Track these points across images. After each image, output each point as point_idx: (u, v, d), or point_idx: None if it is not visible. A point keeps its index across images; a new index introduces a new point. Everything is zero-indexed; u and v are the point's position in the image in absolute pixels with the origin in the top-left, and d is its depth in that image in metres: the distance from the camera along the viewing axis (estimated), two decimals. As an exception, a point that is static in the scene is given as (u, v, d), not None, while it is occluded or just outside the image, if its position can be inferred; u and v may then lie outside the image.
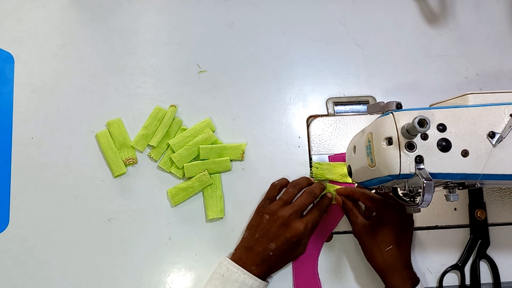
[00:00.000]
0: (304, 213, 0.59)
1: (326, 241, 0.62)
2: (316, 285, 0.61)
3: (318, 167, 0.63)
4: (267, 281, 0.58)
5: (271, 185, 0.61)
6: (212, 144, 0.64)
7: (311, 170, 0.64)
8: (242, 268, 0.55)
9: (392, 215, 0.57)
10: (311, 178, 0.63)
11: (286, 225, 0.56)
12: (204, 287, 0.57)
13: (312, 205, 0.60)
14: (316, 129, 0.66)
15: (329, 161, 0.64)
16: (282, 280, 0.61)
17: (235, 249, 0.59)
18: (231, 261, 0.57)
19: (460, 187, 0.47)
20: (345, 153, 0.64)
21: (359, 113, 0.67)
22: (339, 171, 0.63)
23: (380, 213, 0.58)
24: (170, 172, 0.64)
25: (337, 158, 0.64)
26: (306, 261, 0.61)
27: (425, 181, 0.41)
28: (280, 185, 0.61)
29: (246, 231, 0.59)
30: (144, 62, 0.68)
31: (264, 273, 0.56)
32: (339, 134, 0.65)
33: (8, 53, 0.67)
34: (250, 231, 0.58)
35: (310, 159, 0.65)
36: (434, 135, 0.44)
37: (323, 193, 0.61)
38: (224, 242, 0.62)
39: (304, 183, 0.60)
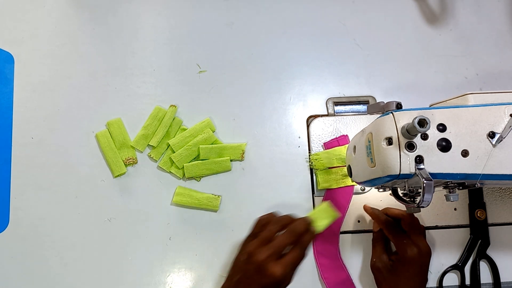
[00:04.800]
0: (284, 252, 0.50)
1: None
2: (342, 270, 0.61)
3: (317, 158, 0.63)
4: None
5: (258, 220, 0.53)
6: (212, 144, 0.64)
7: (310, 162, 0.64)
8: None
9: (415, 257, 0.55)
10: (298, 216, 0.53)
11: (260, 271, 0.48)
12: None
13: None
14: (316, 129, 0.66)
15: (325, 149, 0.64)
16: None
17: None
18: None
19: (460, 187, 0.48)
20: (339, 137, 0.64)
21: (359, 113, 0.67)
22: (337, 155, 0.63)
23: (403, 253, 0.56)
24: (170, 172, 0.64)
25: (332, 143, 0.64)
26: (328, 249, 0.61)
27: (425, 181, 0.41)
28: (266, 222, 0.53)
29: (230, 270, 0.52)
30: (144, 62, 0.68)
31: None
32: (339, 134, 0.65)
33: (8, 53, 0.67)
34: (232, 272, 0.51)
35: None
36: (434, 135, 0.44)
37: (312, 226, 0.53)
38: (224, 242, 0.62)
39: (286, 220, 0.52)
